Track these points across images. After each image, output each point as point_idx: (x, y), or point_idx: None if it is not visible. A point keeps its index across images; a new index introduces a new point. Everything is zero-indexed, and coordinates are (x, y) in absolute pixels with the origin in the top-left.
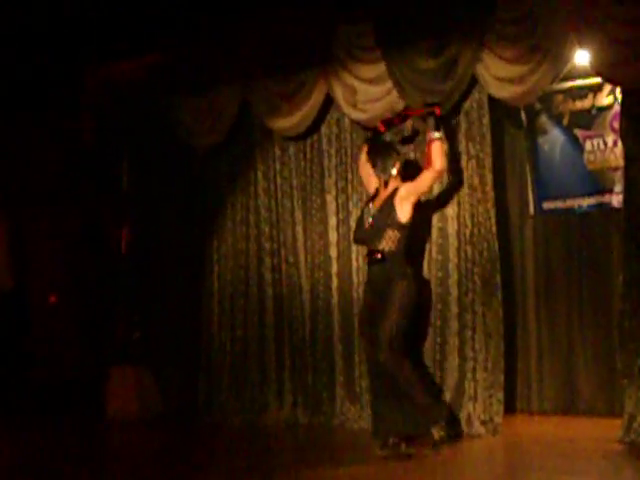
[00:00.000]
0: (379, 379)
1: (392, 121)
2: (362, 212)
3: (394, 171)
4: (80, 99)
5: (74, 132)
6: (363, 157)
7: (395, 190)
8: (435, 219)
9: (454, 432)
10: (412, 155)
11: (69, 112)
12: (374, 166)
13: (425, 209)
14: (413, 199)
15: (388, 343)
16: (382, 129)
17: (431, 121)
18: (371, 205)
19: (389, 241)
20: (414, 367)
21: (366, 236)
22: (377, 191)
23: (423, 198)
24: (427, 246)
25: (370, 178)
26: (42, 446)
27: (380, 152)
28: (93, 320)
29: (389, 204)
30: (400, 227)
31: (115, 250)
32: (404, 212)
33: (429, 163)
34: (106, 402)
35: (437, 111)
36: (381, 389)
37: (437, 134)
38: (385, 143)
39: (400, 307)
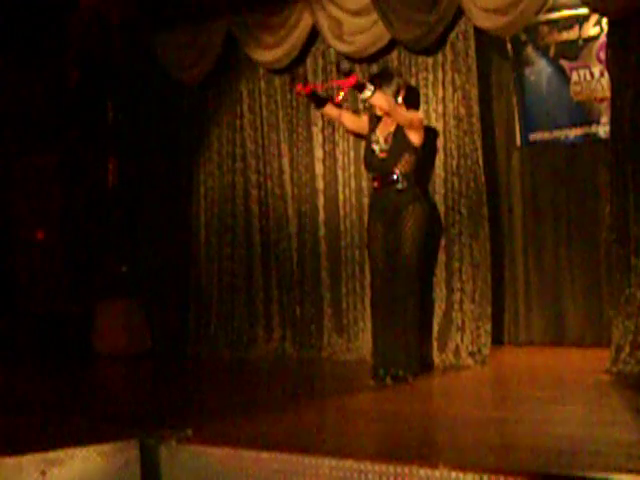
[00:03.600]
0: (383, 311)
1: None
2: (368, 141)
3: (399, 99)
4: (65, 36)
5: (59, 70)
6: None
7: None
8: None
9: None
10: (413, 81)
11: (54, 50)
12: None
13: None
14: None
15: (408, 270)
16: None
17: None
18: (378, 132)
19: (405, 164)
20: (423, 303)
21: (382, 162)
22: (376, 119)
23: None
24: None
25: (358, 122)
26: (29, 380)
27: (384, 79)
28: (81, 254)
29: (401, 130)
30: (414, 150)
31: (102, 184)
32: (417, 136)
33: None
34: (94, 336)
35: (352, 81)
36: (382, 321)
37: (367, 92)
38: (388, 71)
39: (417, 229)
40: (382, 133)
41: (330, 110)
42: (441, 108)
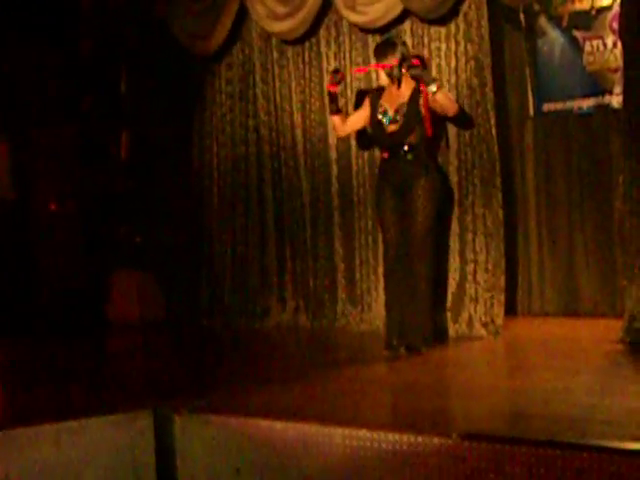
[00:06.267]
0: (397, 282)
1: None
2: (373, 115)
3: (403, 70)
4: (79, 7)
5: (73, 41)
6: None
7: (416, 91)
8: None
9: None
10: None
11: (68, 21)
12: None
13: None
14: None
15: (421, 241)
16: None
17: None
18: (384, 103)
19: (417, 135)
20: (436, 274)
21: (391, 135)
22: (377, 91)
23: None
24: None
25: (362, 114)
26: (43, 350)
27: (388, 48)
28: (95, 226)
29: (414, 102)
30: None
31: (115, 156)
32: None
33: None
34: (108, 307)
35: (415, 61)
36: (396, 292)
37: (433, 87)
38: (391, 40)
39: (429, 200)
40: (390, 104)
41: (339, 120)
42: (454, 79)
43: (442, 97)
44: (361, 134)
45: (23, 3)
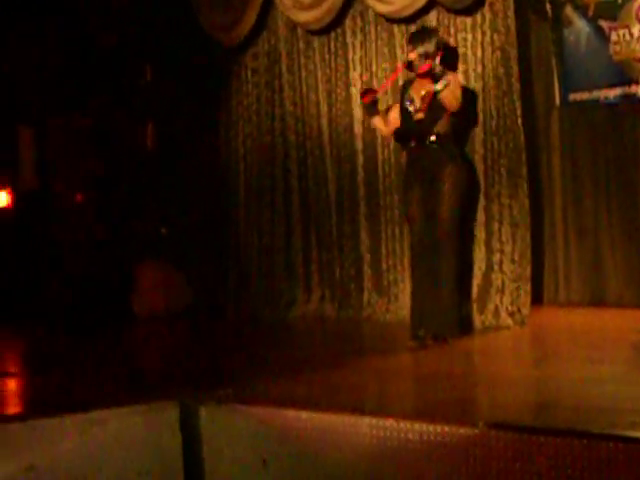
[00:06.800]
0: (424, 272)
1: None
2: (404, 102)
3: (437, 59)
4: None
5: (96, 29)
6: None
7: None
8: None
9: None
10: (452, 42)
11: (90, 10)
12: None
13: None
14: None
15: (447, 231)
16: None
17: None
18: (412, 92)
19: (444, 124)
20: (462, 264)
21: (419, 123)
22: (410, 81)
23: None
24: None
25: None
26: (70, 341)
27: (425, 37)
28: (121, 217)
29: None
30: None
31: (141, 147)
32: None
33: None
34: (134, 298)
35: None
36: (423, 282)
37: (438, 86)
38: (428, 29)
39: (455, 189)
40: (417, 92)
41: (380, 122)
42: (480, 68)
43: (446, 95)
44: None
45: None
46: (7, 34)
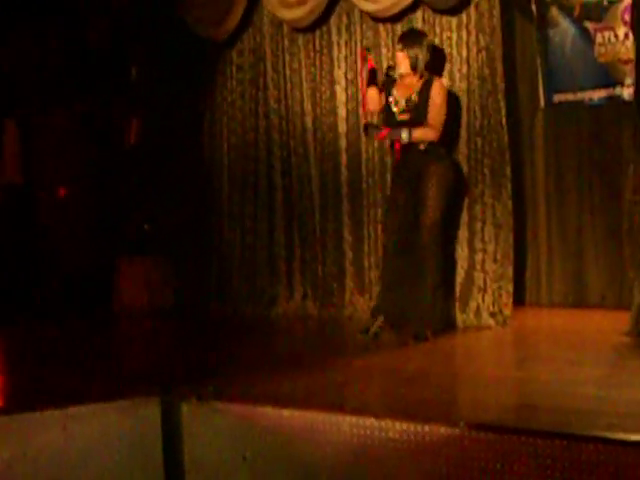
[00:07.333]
0: (404, 270)
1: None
2: (387, 102)
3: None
4: None
5: (82, 24)
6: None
7: (428, 82)
8: None
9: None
10: (437, 41)
11: (77, 6)
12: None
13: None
14: None
15: (431, 229)
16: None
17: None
18: (396, 93)
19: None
20: (445, 263)
21: (405, 123)
22: (391, 80)
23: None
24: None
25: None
26: (51, 336)
27: (415, 39)
28: (104, 212)
29: (425, 93)
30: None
31: (125, 141)
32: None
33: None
34: (115, 293)
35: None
36: (403, 279)
37: (405, 137)
38: (417, 31)
39: (440, 188)
40: (402, 94)
41: (376, 93)
42: (465, 68)
43: (418, 138)
44: None
45: None
46: (7, 34)
